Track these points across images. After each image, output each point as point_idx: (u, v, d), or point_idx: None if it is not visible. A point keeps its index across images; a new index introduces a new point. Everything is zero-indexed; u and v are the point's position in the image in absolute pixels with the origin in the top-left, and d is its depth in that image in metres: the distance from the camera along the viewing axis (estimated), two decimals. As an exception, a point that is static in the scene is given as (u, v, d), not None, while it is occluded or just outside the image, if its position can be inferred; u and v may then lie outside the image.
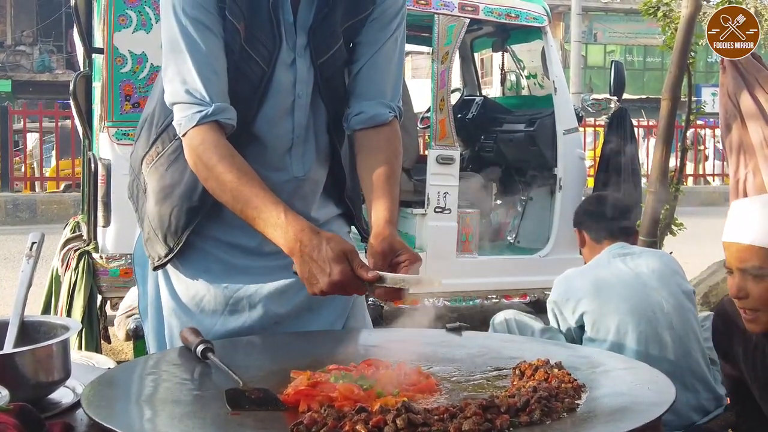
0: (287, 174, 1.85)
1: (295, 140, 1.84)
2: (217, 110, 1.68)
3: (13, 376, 1.36)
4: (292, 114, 1.82)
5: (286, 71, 1.79)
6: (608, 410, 1.34)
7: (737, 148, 3.81)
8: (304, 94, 1.82)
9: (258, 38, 1.73)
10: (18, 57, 25.57)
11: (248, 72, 1.75)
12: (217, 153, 1.65)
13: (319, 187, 1.94)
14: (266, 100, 1.79)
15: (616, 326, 2.84)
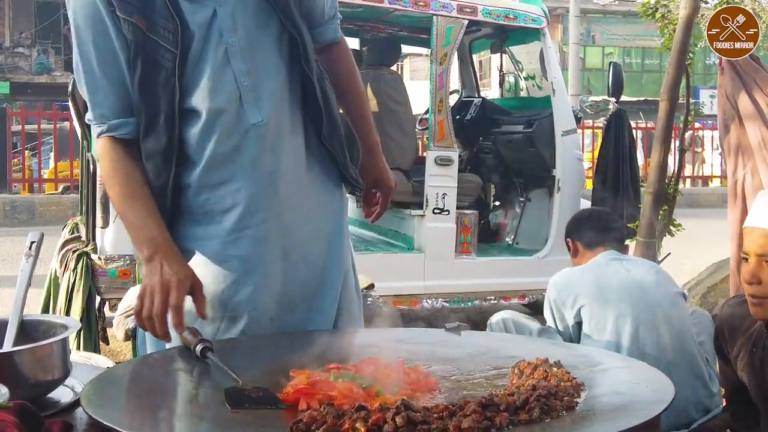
0: (246, 122, 1.81)
1: (242, 89, 1.80)
2: (110, 127, 1.80)
3: (13, 375, 1.36)
4: (229, 64, 1.79)
5: (207, 28, 1.77)
6: (607, 408, 1.34)
7: (735, 148, 3.81)
8: (236, 41, 1.79)
9: (159, 24, 1.74)
10: (16, 59, 25.54)
11: (161, 59, 1.75)
12: (111, 167, 1.82)
13: (288, 133, 1.88)
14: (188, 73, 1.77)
15: (614, 320, 2.87)
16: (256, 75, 1.82)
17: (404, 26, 6.39)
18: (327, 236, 1.99)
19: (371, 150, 2.12)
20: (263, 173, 1.84)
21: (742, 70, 3.84)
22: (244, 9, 1.80)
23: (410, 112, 6.01)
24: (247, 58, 1.80)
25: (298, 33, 1.86)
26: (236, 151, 1.81)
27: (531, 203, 6.34)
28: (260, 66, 1.82)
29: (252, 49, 1.81)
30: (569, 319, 2.99)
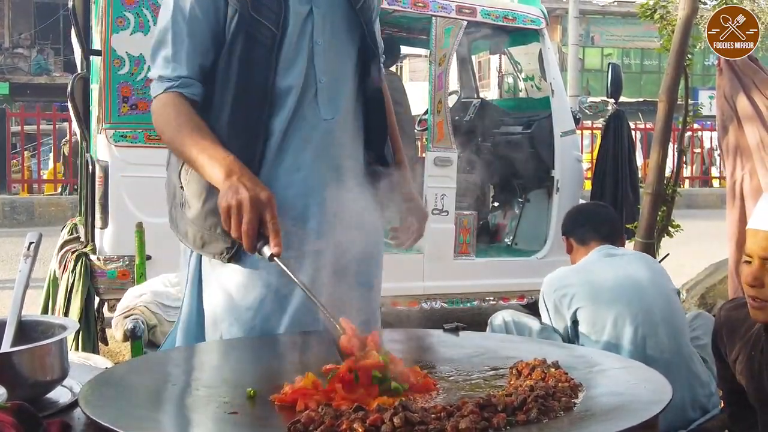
0: (318, 117, 1.93)
1: (319, 86, 1.93)
2: (182, 84, 1.85)
3: (11, 375, 1.36)
4: (312, 61, 1.92)
5: (303, 23, 1.90)
6: (605, 409, 1.34)
7: (734, 150, 3.81)
8: (322, 41, 1.93)
9: (263, 3, 1.85)
10: (15, 59, 25.54)
11: (260, 37, 1.86)
12: (174, 109, 1.83)
13: (351, 136, 2.02)
14: (282, 58, 1.89)
15: (612, 321, 2.87)
16: (333, 76, 1.96)
17: (403, 27, 6.40)
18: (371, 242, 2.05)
19: (408, 181, 2.21)
20: (328, 168, 1.95)
21: (740, 71, 3.84)
22: (334, 15, 1.96)
23: (409, 113, 6.01)
24: (328, 58, 1.94)
25: (375, 47, 2.05)
26: (307, 141, 1.93)
27: (530, 204, 6.34)
28: (337, 69, 1.98)
29: (333, 51, 1.96)
30: (566, 319, 2.99)
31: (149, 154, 4.57)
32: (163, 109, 1.85)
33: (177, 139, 1.81)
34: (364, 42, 2.02)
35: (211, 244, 1.88)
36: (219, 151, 1.75)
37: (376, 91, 2.07)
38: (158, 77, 1.87)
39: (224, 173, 1.69)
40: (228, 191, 1.65)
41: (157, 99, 1.87)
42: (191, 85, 1.86)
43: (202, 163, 1.75)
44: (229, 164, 1.71)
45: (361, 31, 2.01)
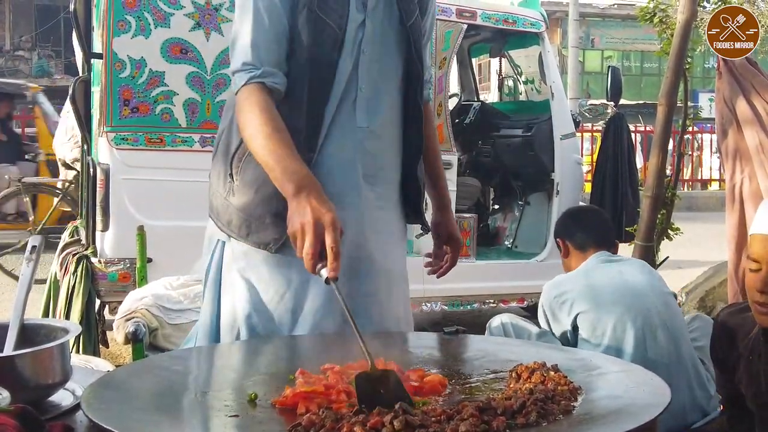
0: (353, 123, 1.97)
1: (359, 93, 1.97)
2: (265, 73, 1.85)
3: (14, 378, 1.36)
4: (356, 69, 1.96)
5: (356, 30, 1.95)
6: (604, 412, 1.35)
7: (733, 153, 3.82)
8: (368, 51, 1.97)
9: (329, 4, 1.91)
10: (16, 62, 25.55)
11: (324, 35, 1.90)
12: (258, 106, 1.82)
13: (387, 148, 2.05)
14: (341, 58, 1.93)
15: (612, 326, 2.86)
16: (374, 86, 1.99)
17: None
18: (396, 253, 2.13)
19: (446, 207, 2.29)
20: (359, 175, 1.98)
21: (740, 74, 3.85)
22: (385, 29, 2.00)
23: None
24: (372, 69, 1.98)
25: (421, 64, 2.07)
26: (341, 147, 1.96)
27: (530, 207, 6.35)
28: (380, 80, 2.01)
29: (378, 63, 1.99)
30: (566, 325, 2.98)
31: (150, 157, 4.58)
32: (246, 104, 1.84)
33: (256, 140, 1.80)
34: (410, 59, 2.04)
35: (258, 233, 1.92)
36: (294, 164, 1.75)
37: (416, 109, 2.09)
38: (242, 64, 1.86)
39: (294, 189, 1.70)
40: (295, 213, 1.67)
41: (240, 91, 1.86)
42: (274, 74, 1.87)
43: (276, 173, 1.75)
44: (300, 179, 1.71)
45: (408, 48, 2.04)
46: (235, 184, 1.95)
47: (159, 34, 4.57)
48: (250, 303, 1.92)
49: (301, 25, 1.89)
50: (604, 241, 3.21)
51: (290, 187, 1.71)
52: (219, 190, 2.00)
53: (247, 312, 1.92)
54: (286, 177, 1.73)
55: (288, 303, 1.92)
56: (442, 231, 2.26)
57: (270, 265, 1.92)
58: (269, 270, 1.92)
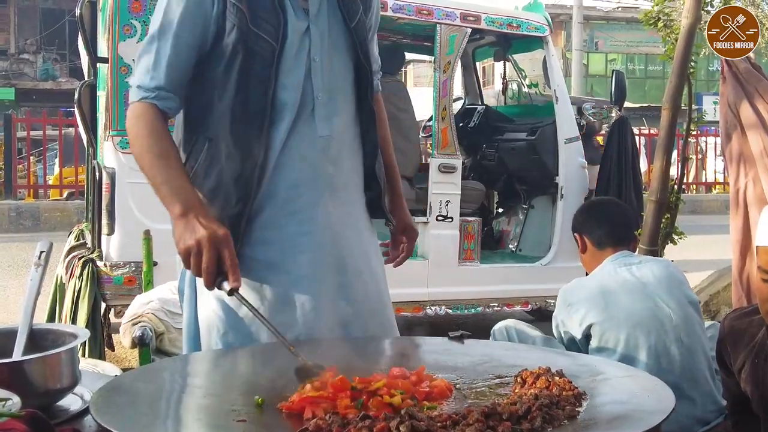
0: (314, 133, 1.95)
1: (316, 102, 1.95)
2: (158, 96, 1.86)
3: (23, 384, 1.38)
4: (310, 78, 1.94)
5: (300, 39, 1.93)
6: (608, 417, 1.36)
7: (737, 157, 3.82)
8: (319, 58, 1.95)
9: (261, 17, 1.87)
10: (21, 65, 25.65)
11: (259, 50, 1.88)
12: (147, 126, 1.85)
13: (348, 152, 2.04)
14: (281, 71, 1.91)
15: (625, 339, 2.77)
16: (330, 93, 1.98)
17: (408, 34, 6.43)
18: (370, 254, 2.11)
19: (400, 197, 2.28)
20: (324, 184, 1.97)
21: (744, 79, 3.85)
22: (331, 32, 1.99)
23: (414, 120, 6.03)
24: (325, 76, 1.97)
25: (369, 65, 2.07)
26: (303, 158, 1.94)
27: (534, 210, 6.36)
28: (334, 86, 2.00)
29: (330, 69, 1.98)
30: (577, 335, 2.89)
31: (155, 161, 4.59)
32: (136, 120, 1.87)
33: (145, 158, 1.84)
34: (358, 59, 2.04)
35: None
36: (179, 184, 1.78)
37: (369, 107, 2.09)
38: (137, 86, 1.88)
39: (181, 210, 1.73)
40: (185, 232, 1.70)
41: (132, 106, 1.89)
42: (167, 98, 1.88)
43: (163, 193, 1.78)
44: (185, 200, 1.75)
45: (355, 48, 2.03)
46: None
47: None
48: (225, 322, 1.90)
49: (235, 45, 1.87)
50: (624, 239, 3.08)
51: (177, 207, 1.74)
52: None
53: (223, 331, 1.90)
54: (172, 198, 1.76)
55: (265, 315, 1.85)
56: (397, 221, 2.25)
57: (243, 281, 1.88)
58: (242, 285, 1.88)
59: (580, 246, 3.14)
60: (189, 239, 1.68)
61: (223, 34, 1.87)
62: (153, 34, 1.89)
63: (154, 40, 1.88)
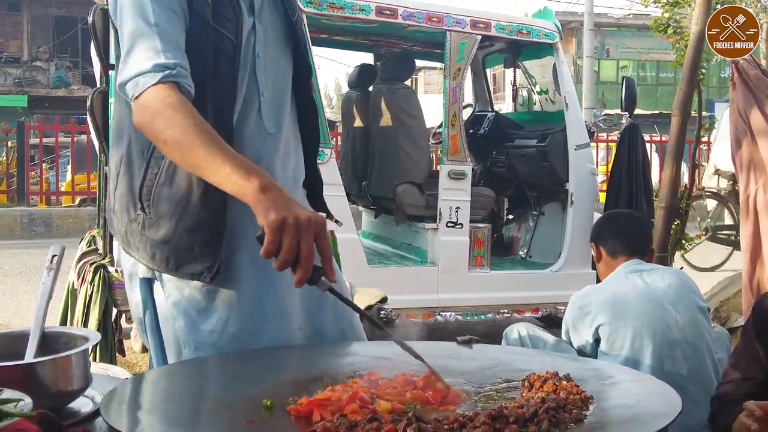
0: (263, 131, 1.92)
1: (262, 99, 1.92)
2: (180, 73, 1.68)
3: (35, 385, 1.39)
4: (255, 75, 1.90)
5: (248, 35, 1.89)
6: (616, 421, 1.36)
7: (747, 164, 3.81)
8: (263, 54, 1.92)
9: (222, 14, 1.83)
10: (34, 72, 25.81)
11: (223, 48, 1.83)
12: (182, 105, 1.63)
13: (294, 148, 2.02)
14: (239, 68, 1.87)
15: (630, 341, 2.83)
16: (273, 89, 1.95)
17: (418, 41, 6.45)
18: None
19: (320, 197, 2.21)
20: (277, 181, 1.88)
21: (754, 86, 3.85)
22: (274, 29, 1.96)
23: (424, 126, 6.05)
24: (268, 72, 1.94)
25: (309, 57, 2.05)
26: (257, 159, 1.80)
27: (544, 217, 6.36)
28: (277, 82, 1.97)
29: (273, 65, 1.95)
30: (587, 336, 2.95)
31: (167, 167, 4.62)
32: (159, 104, 1.62)
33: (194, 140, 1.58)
34: (298, 52, 2.02)
35: (188, 264, 1.78)
36: (247, 160, 1.58)
37: (310, 102, 2.07)
38: (152, 66, 1.65)
39: (260, 183, 1.51)
40: (276, 203, 1.48)
41: (147, 94, 1.64)
42: (187, 76, 1.70)
43: (225, 172, 1.54)
44: (263, 174, 1.55)
45: (296, 42, 2.01)
46: (149, 218, 1.80)
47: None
48: (191, 337, 1.82)
49: (197, 40, 1.76)
50: (637, 249, 3.14)
51: (255, 181, 1.51)
52: (132, 226, 1.84)
53: (193, 347, 1.82)
54: (244, 173, 1.53)
55: (233, 327, 1.81)
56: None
57: (206, 293, 1.82)
58: (206, 298, 1.82)
59: (595, 255, 3.22)
60: (287, 214, 1.45)
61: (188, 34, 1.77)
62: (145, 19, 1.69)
63: (148, 24, 1.69)
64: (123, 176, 1.86)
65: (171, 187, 1.78)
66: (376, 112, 5.95)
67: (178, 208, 1.78)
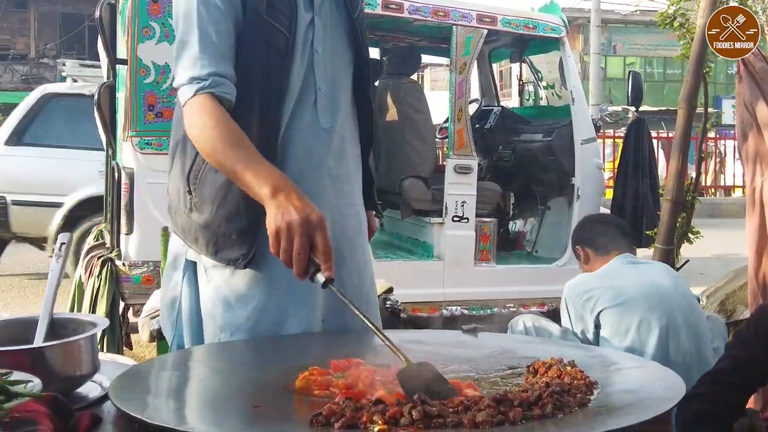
0: (318, 126, 1.95)
1: (318, 93, 1.95)
2: (213, 83, 1.77)
3: (43, 369, 1.40)
4: (312, 69, 1.94)
5: (306, 30, 1.91)
6: (619, 405, 1.37)
7: (753, 156, 3.80)
8: (321, 50, 1.95)
9: (276, 7, 1.86)
10: (41, 69, 25.87)
11: (274, 41, 1.86)
12: (211, 116, 1.75)
13: (350, 144, 2.04)
14: (293, 61, 1.90)
15: (637, 324, 2.89)
16: (330, 85, 1.97)
17: (424, 36, 6.45)
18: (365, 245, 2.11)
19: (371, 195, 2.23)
20: (326, 176, 1.97)
21: (760, 78, 3.83)
22: (334, 25, 1.99)
23: (430, 121, 6.05)
24: (327, 67, 1.96)
25: (368, 56, 2.07)
26: (307, 150, 1.92)
27: (550, 211, 6.36)
28: (335, 77, 1.99)
29: (332, 60, 1.98)
30: (589, 324, 3.00)
31: (174, 161, 4.64)
32: (198, 116, 1.76)
33: (218, 148, 1.72)
34: (359, 51, 2.05)
35: (225, 250, 1.85)
36: (265, 167, 1.68)
37: (367, 100, 2.10)
38: (188, 79, 1.78)
39: (271, 191, 1.62)
40: (277, 212, 1.59)
41: (187, 106, 1.79)
42: (222, 84, 1.79)
43: (247, 179, 1.66)
44: (276, 181, 1.64)
45: (356, 40, 2.04)
46: (194, 201, 1.89)
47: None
48: (228, 322, 1.87)
49: (248, 33, 1.83)
50: (625, 245, 3.24)
51: (266, 189, 1.63)
52: (180, 206, 1.93)
53: (230, 332, 1.86)
54: (259, 180, 1.64)
55: (270, 315, 1.87)
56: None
57: (246, 280, 1.87)
58: (246, 284, 1.87)
59: (582, 258, 3.28)
60: (280, 221, 1.57)
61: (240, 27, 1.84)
62: (191, 21, 1.81)
63: (191, 29, 1.80)
64: (177, 159, 1.94)
65: (216, 173, 1.84)
66: (382, 106, 5.96)
67: (220, 194, 1.85)
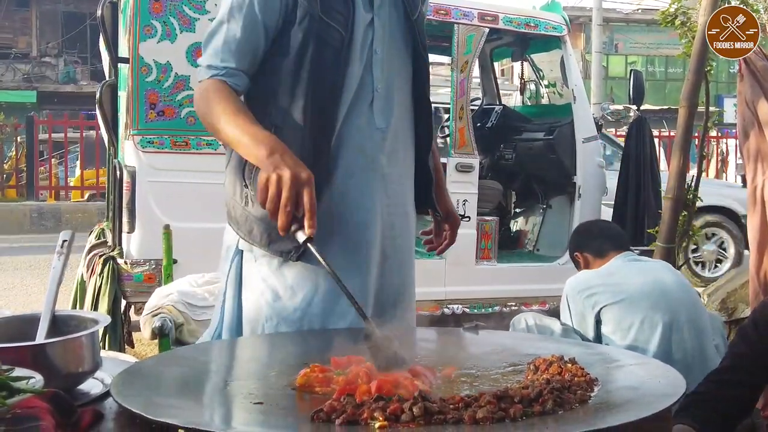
0: (372, 125, 1.97)
1: (375, 94, 1.97)
2: (228, 73, 1.87)
3: (45, 366, 1.40)
4: (371, 70, 1.96)
5: (365, 31, 1.94)
6: (620, 401, 1.37)
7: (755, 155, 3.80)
8: (380, 51, 1.97)
9: (332, 6, 1.89)
10: (43, 68, 25.89)
11: (329, 39, 1.89)
12: (219, 94, 1.84)
13: (403, 144, 2.05)
14: (350, 61, 1.92)
15: (641, 320, 2.89)
16: (388, 85, 1.99)
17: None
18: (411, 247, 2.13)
19: (442, 185, 2.27)
20: (378, 174, 1.98)
21: (761, 77, 3.84)
22: (393, 26, 2.01)
23: (431, 120, 6.04)
24: (384, 68, 1.98)
25: (426, 57, 2.10)
26: (360, 149, 1.95)
27: (552, 210, 6.36)
28: (392, 78, 2.01)
29: (389, 61, 2.00)
30: (590, 321, 3.00)
31: (175, 159, 4.65)
32: (205, 92, 1.87)
33: (217, 119, 1.82)
34: (417, 52, 2.07)
35: (279, 242, 1.87)
36: (260, 131, 1.76)
37: (425, 101, 2.11)
38: (207, 65, 1.89)
39: (267, 151, 1.69)
40: (269, 165, 1.66)
41: (200, 85, 1.90)
42: (236, 75, 1.88)
43: (244, 142, 1.75)
44: (271, 143, 1.72)
45: (415, 41, 2.06)
46: (251, 193, 1.92)
47: (184, 39, 4.64)
48: (276, 312, 1.90)
49: (306, 34, 1.87)
50: (622, 246, 3.26)
51: (262, 150, 1.70)
52: (236, 199, 1.97)
53: (276, 322, 1.90)
54: (256, 143, 1.73)
55: (317, 308, 1.90)
56: (441, 209, 2.24)
57: (295, 272, 1.90)
58: (295, 276, 1.91)
59: (582, 264, 3.28)
60: (271, 172, 1.65)
61: (293, 24, 1.88)
62: (224, 13, 1.90)
63: (224, 20, 1.89)
64: (234, 153, 1.96)
65: None
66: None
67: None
